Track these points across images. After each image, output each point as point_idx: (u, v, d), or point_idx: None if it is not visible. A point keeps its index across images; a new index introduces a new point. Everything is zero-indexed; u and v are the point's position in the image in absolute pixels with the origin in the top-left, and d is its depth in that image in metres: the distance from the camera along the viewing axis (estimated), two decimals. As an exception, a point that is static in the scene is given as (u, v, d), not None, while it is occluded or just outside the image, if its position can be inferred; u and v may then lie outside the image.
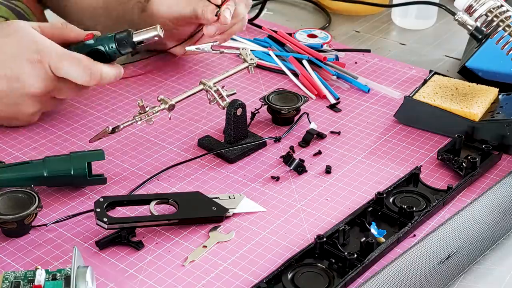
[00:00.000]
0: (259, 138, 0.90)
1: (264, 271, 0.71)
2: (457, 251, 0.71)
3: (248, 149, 0.89)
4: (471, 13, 0.94)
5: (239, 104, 0.88)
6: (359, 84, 1.03)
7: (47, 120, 0.95)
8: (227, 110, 0.88)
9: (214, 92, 0.88)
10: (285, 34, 1.13)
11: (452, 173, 0.85)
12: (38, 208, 0.74)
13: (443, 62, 1.13)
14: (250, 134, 0.91)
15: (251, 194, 0.82)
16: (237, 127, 0.89)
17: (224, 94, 0.88)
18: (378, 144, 0.91)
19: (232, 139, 0.89)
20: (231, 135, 0.89)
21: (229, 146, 0.88)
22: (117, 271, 0.71)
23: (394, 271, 0.68)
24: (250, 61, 0.91)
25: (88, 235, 0.76)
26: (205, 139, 0.90)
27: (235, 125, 0.89)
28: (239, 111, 0.88)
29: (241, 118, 0.89)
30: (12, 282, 0.64)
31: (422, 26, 1.26)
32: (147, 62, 1.10)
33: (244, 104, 0.89)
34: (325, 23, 1.26)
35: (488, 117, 0.90)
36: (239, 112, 0.88)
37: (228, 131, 0.89)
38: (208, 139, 0.90)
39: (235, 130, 0.89)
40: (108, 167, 0.86)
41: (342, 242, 0.74)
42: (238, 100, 0.88)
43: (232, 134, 0.89)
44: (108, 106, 0.99)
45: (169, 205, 0.78)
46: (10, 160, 0.86)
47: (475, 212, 0.76)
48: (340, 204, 0.81)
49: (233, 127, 0.88)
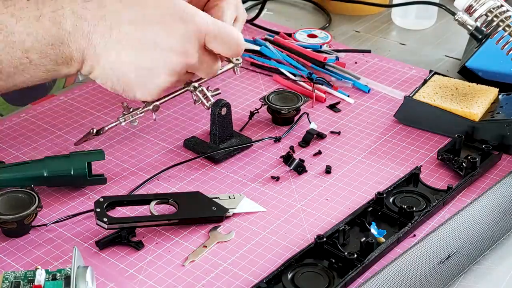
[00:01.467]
0: (245, 139, 0.90)
1: (264, 271, 0.71)
2: (457, 251, 0.71)
3: (235, 150, 0.88)
4: (471, 13, 0.94)
5: (223, 104, 0.87)
6: (360, 84, 1.03)
7: (47, 120, 0.95)
8: (212, 110, 0.88)
9: (199, 93, 0.86)
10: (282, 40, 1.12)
11: (452, 173, 0.85)
12: (38, 208, 0.74)
13: (443, 62, 1.13)
14: (236, 134, 0.91)
15: (251, 194, 0.82)
16: (222, 127, 0.88)
17: (209, 94, 0.86)
18: (378, 144, 0.91)
19: (217, 140, 0.88)
20: (216, 135, 0.88)
21: (214, 148, 0.88)
22: (117, 271, 0.71)
23: (394, 271, 0.68)
24: (235, 61, 0.88)
25: (88, 235, 0.76)
26: (191, 140, 0.90)
27: (220, 125, 0.88)
28: (224, 110, 0.87)
29: (226, 118, 0.88)
30: (12, 282, 0.64)
31: (422, 26, 1.26)
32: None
33: (228, 104, 0.88)
34: (325, 23, 1.26)
35: (488, 117, 0.90)
36: (223, 111, 0.87)
37: (213, 131, 0.88)
38: (194, 140, 0.90)
39: (220, 130, 0.88)
40: (108, 167, 0.86)
41: (342, 242, 0.74)
42: (222, 100, 0.88)
43: (217, 134, 0.88)
44: (108, 106, 0.99)
45: (169, 205, 0.78)
46: (10, 160, 0.86)
47: (475, 212, 0.76)
48: (340, 204, 0.81)
49: (218, 127, 0.88)
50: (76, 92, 1.02)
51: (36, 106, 0.98)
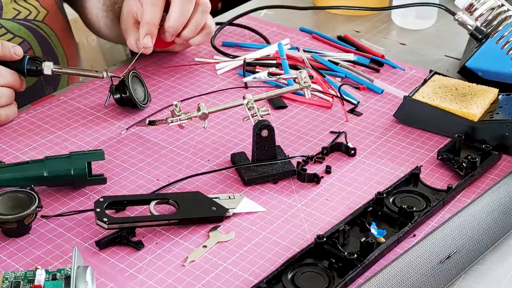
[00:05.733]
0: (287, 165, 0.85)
1: (264, 271, 0.71)
2: (457, 251, 0.71)
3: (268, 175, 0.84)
4: (472, 12, 0.94)
5: (263, 125, 0.83)
6: (374, 87, 1.03)
7: (47, 120, 0.95)
8: (253, 130, 0.85)
9: (248, 109, 0.85)
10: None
11: (452, 173, 0.85)
12: (38, 208, 0.74)
13: (443, 62, 1.13)
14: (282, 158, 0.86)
15: (251, 194, 0.82)
16: (262, 149, 0.84)
17: (258, 113, 0.84)
18: (378, 144, 0.91)
19: (254, 160, 0.85)
20: (254, 155, 0.85)
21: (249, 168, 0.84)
22: (117, 271, 0.71)
23: (394, 271, 0.68)
24: (304, 84, 0.86)
25: (88, 235, 0.76)
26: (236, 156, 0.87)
27: (258, 146, 0.84)
28: (264, 132, 0.84)
29: (266, 140, 0.84)
30: (12, 282, 0.65)
31: (422, 26, 1.25)
32: (148, 61, 1.10)
33: (271, 126, 0.84)
34: (325, 23, 1.26)
35: (488, 117, 0.90)
36: (264, 133, 0.84)
37: (253, 151, 0.85)
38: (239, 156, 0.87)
39: (258, 152, 0.84)
40: (108, 167, 0.86)
41: (342, 242, 0.74)
42: (264, 121, 0.84)
43: (255, 155, 0.85)
44: (108, 105, 0.98)
45: (169, 205, 0.78)
46: (10, 160, 0.86)
47: (475, 212, 0.76)
48: (340, 204, 0.81)
49: (256, 148, 0.84)
50: (76, 92, 1.02)
51: (36, 106, 0.98)
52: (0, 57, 0.92)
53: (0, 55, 0.92)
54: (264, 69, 1.05)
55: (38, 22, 1.09)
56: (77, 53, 1.24)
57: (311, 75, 1.00)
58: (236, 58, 1.09)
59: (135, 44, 1.00)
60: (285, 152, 0.88)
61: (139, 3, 0.99)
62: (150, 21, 0.97)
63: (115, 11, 1.10)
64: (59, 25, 1.14)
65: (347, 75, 1.05)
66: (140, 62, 1.04)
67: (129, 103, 0.96)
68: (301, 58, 1.08)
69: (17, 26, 1.05)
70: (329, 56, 1.10)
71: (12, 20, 1.05)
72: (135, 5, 1.00)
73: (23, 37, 1.06)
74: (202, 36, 1.04)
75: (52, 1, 1.12)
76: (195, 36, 1.02)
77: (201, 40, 1.05)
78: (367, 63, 1.10)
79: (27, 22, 1.07)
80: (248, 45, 1.15)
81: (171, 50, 1.11)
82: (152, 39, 0.98)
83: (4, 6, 1.05)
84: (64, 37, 1.15)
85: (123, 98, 0.96)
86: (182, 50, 1.12)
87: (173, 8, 0.98)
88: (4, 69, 0.91)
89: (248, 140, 0.91)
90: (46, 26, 1.10)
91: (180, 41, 1.02)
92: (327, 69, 1.07)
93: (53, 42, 1.12)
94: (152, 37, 0.98)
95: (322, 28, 1.24)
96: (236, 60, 1.09)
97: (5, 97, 0.91)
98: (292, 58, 1.09)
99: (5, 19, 1.05)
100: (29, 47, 1.06)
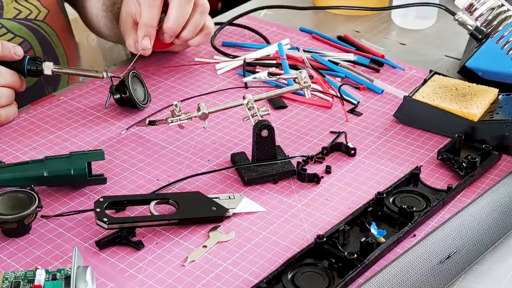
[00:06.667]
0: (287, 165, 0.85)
1: (264, 271, 0.71)
2: (457, 251, 0.71)
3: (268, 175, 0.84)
4: (472, 12, 0.94)
5: (263, 125, 0.83)
6: (374, 87, 1.03)
7: (47, 120, 0.95)
8: (253, 130, 0.85)
9: (248, 110, 0.84)
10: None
11: (452, 173, 0.85)
12: (38, 208, 0.74)
13: (443, 62, 1.13)
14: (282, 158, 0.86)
15: (251, 194, 0.82)
16: (262, 149, 0.84)
17: (258, 113, 0.84)
18: (378, 144, 0.91)
19: (254, 161, 0.85)
20: (254, 155, 0.85)
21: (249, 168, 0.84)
22: (117, 271, 0.71)
23: (394, 271, 0.68)
24: (304, 84, 0.86)
25: (88, 235, 0.76)
26: (236, 156, 0.87)
27: (258, 146, 0.84)
28: (264, 132, 0.84)
29: (266, 140, 0.84)
30: (12, 282, 0.65)
31: (422, 26, 1.25)
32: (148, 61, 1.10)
33: (271, 127, 0.84)
34: (325, 23, 1.26)
35: (488, 117, 0.90)
36: (264, 133, 0.84)
37: (253, 151, 0.85)
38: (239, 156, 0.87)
39: (258, 152, 0.84)
40: (108, 167, 0.86)
41: (342, 242, 0.74)
42: (264, 121, 0.84)
43: (254, 155, 0.85)
44: (108, 106, 0.98)
45: (169, 205, 0.78)
46: (10, 160, 0.86)
47: (475, 212, 0.76)
48: (340, 204, 0.81)
49: (256, 148, 0.84)
50: (76, 92, 1.02)
51: (36, 106, 0.98)
52: (0, 57, 0.92)
53: (0, 55, 0.92)
54: (264, 69, 1.05)
55: (39, 21, 1.09)
56: (77, 53, 1.24)
57: (311, 75, 1.00)
58: (236, 58, 1.10)
59: (134, 46, 1.00)
60: (285, 152, 0.88)
61: (137, 4, 0.99)
62: (148, 22, 0.97)
63: (115, 11, 1.10)
64: (59, 24, 1.14)
65: (347, 75, 1.06)
66: (140, 62, 1.04)
67: (129, 103, 0.96)
68: (301, 58, 1.09)
69: (17, 26, 1.05)
70: (329, 56, 1.10)
71: (13, 19, 1.05)
72: (133, 6, 1.00)
73: (24, 37, 1.06)
74: (201, 37, 1.04)
75: (53, 0, 1.12)
76: (194, 37, 1.02)
77: (200, 41, 1.05)
78: (367, 63, 1.10)
79: (27, 22, 1.07)
80: (248, 45, 1.15)
81: (170, 51, 1.11)
82: (151, 40, 0.98)
83: (4, 5, 1.05)
84: (65, 37, 1.15)
85: (123, 98, 0.96)
86: (181, 50, 1.12)
87: (172, 9, 0.98)
88: (4, 69, 0.91)
89: (248, 140, 0.91)
90: (47, 25, 1.10)
91: (179, 42, 1.03)
92: (327, 69, 1.07)
93: (54, 42, 1.12)
94: (150, 39, 0.98)
95: (322, 28, 1.24)
96: (236, 60, 1.09)
97: (5, 97, 0.91)
98: (292, 58, 1.09)
99: (6, 19, 1.05)
100: (29, 47, 1.06)
